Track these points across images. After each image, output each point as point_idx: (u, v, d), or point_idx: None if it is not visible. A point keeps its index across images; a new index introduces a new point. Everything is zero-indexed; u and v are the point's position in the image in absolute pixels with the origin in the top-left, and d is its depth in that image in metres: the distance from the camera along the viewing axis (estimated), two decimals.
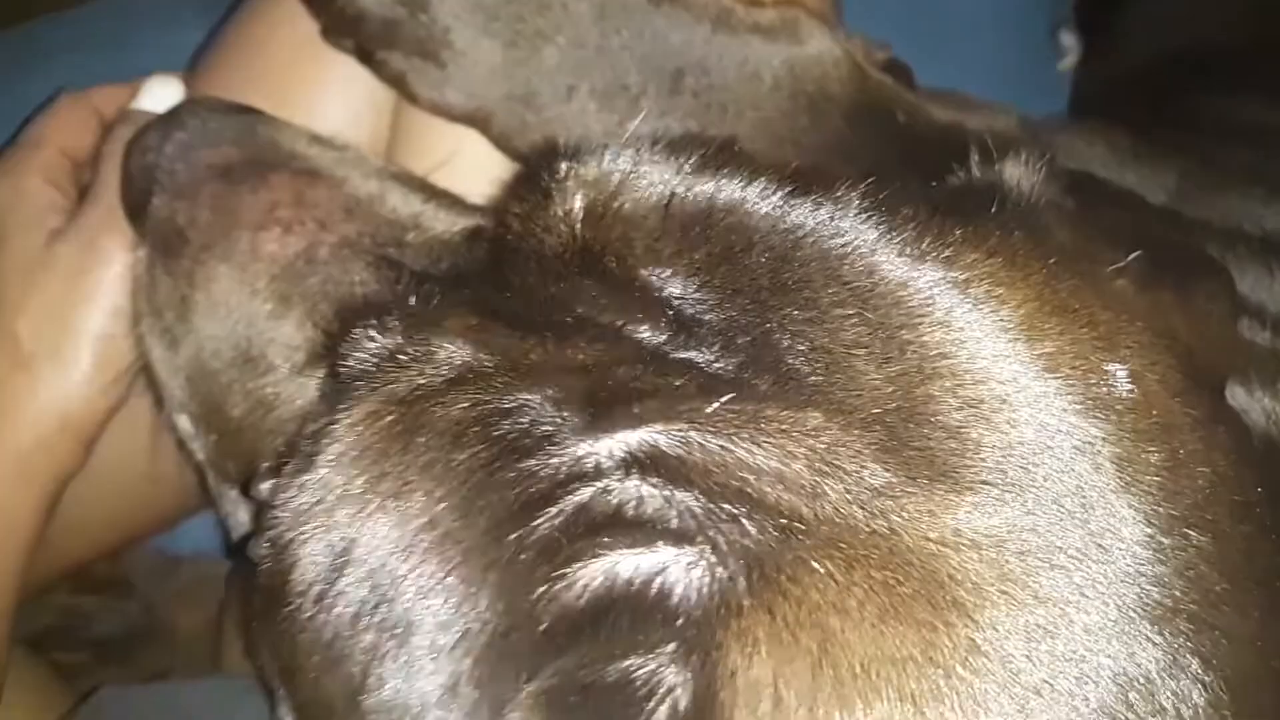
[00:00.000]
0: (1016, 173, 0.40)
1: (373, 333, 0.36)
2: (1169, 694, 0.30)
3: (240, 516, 0.49)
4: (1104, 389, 0.33)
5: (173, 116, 0.49)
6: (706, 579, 0.29)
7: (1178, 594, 0.31)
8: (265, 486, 0.36)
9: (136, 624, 0.79)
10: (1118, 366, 0.34)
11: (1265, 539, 0.35)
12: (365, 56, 0.55)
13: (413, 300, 0.38)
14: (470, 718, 0.30)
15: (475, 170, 0.54)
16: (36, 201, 0.57)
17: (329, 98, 0.59)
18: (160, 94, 0.60)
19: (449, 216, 0.47)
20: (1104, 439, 0.33)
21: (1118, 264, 0.39)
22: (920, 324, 0.33)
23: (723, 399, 0.32)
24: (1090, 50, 0.91)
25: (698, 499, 0.30)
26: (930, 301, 0.34)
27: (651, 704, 0.28)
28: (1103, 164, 0.69)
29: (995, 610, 0.30)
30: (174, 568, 0.79)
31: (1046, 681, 0.30)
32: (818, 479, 0.31)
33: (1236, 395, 0.49)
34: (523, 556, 0.30)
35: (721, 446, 0.31)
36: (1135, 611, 0.31)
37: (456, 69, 0.52)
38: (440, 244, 0.46)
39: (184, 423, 0.50)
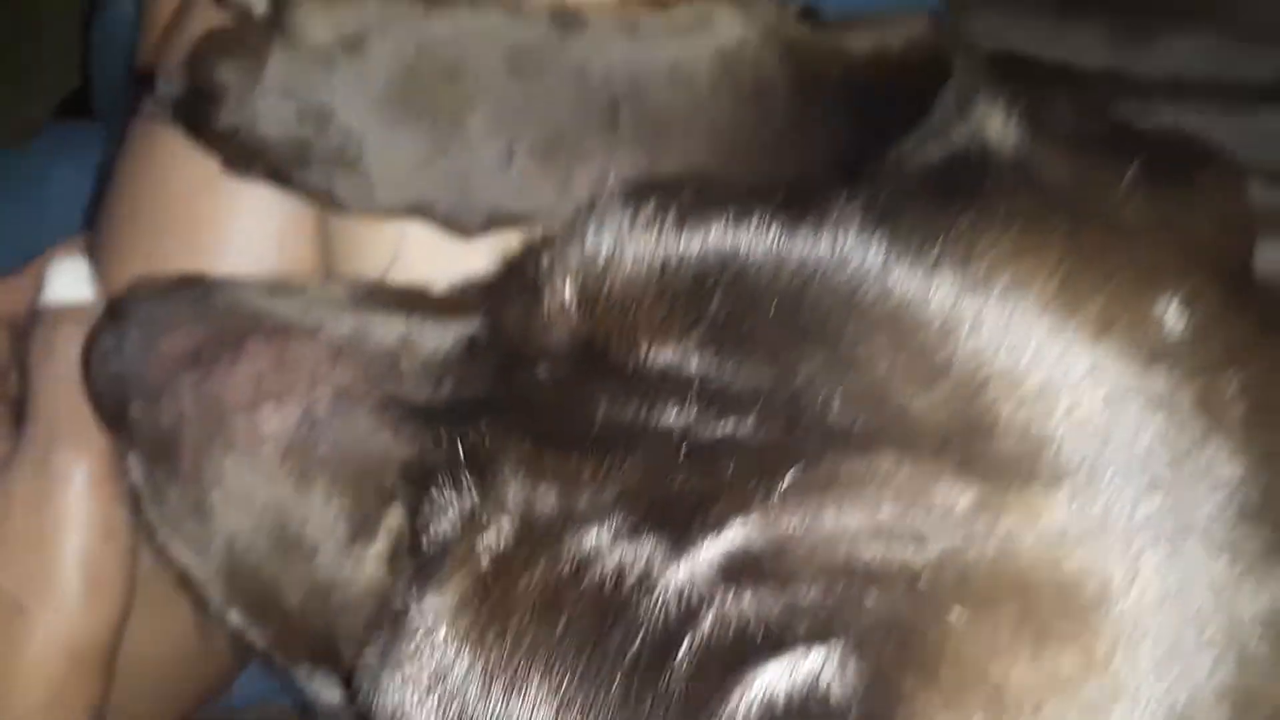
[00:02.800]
0: (998, 126, 0.41)
1: (446, 494, 0.37)
2: None
3: (329, 694, 0.49)
4: (1158, 334, 0.34)
5: (119, 314, 0.49)
6: (858, 671, 0.30)
7: None
8: (369, 689, 0.37)
9: None
10: (1164, 305, 0.35)
11: None
12: (279, 180, 0.54)
13: (459, 445, 0.38)
14: None
15: (429, 254, 0.54)
16: None
17: (248, 230, 0.59)
18: (66, 281, 0.58)
19: (436, 330, 0.47)
20: (1174, 385, 0.34)
21: (1120, 188, 0.40)
22: (954, 337, 0.34)
23: (788, 473, 0.33)
24: None
25: (810, 589, 0.31)
26: (957, 311, 0.35)
27: None
28: (1031, 36, 0.70)
29: (1129, 594, 0.32)
30: None
31: (1200, 645, 0.32)
32: (912, 520, 0.32)
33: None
34: (670, 711, 0.31)
35: (809, 523, 0.32)
36: (1257, 551, 0.32)
37: (381, 169, 0.52)
38: (438, 364, 0.46)
39: (235, 617, 0.50)
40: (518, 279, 0.42)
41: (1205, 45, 0.63)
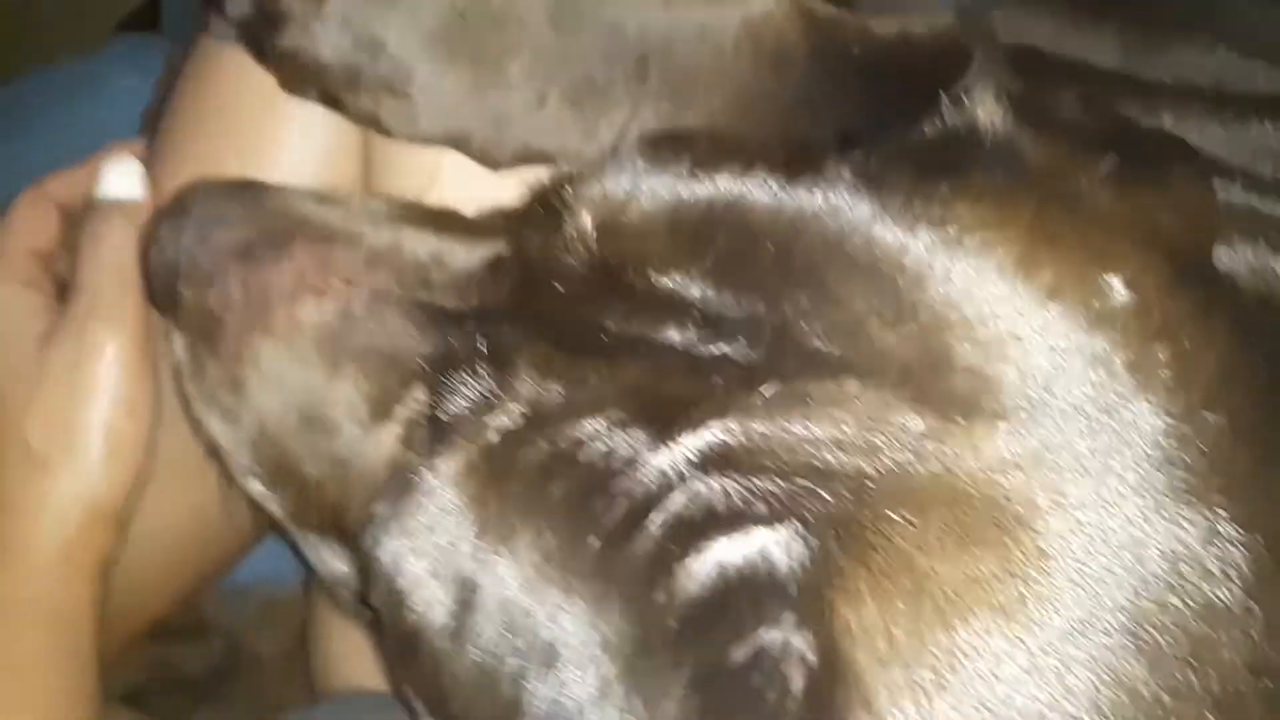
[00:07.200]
0: (988, 111, 0.45)
1: (466, 378, 0.42)
2: (1213, 559, 0.36)
3: (335, 564, 0.54)
4: (1104, 303, 0.39)
5: (180, 208, 0.53)
6: (803, 550, 0.35)
7: (1204, 470, 0.37)
8: (373, 540, 0.42)
9: (222, 660, 0.85)
10: (1113, 278, 0.39)
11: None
12: (332, 102, 0.58)
13: (480, 343, 0.43)
14: (626, 712, 0.35)
15: (462, 182, 0.58)
16: (19, 309, 0.61)
17: (299, 145, 0.63)
18: (119, 178, 0.64)
19: (465, 249, 0.51)
20: (1112, 347, 0.38)
21: (1095, 176, 0.44)
22: (925, 284, 0.38)
23: (767, 387, 0.37)
24: None
25: (774, 481, 0.36)
26: (930, 263, 0.39)
27: (786, 668, 0.33)
28: (1048, 37, 0.73)
29: (1050, 518, 0.36)
30: (244, 598, 0.85)
31: (1107, 568, 0.35)
32: (869, 436, 0.36)
33: (1222, 259, 0.54)
34: (638, 568, 0.36)
35: (779, 429, 0.37)
36: (1169, 494, 0.36)
37: (426, 100, 0.56)
38: (465, 278, 0.49)
39: (255, 486, 0.54)
40: (542, 208, 0.46)
41: (1211, 58, 0.67)
